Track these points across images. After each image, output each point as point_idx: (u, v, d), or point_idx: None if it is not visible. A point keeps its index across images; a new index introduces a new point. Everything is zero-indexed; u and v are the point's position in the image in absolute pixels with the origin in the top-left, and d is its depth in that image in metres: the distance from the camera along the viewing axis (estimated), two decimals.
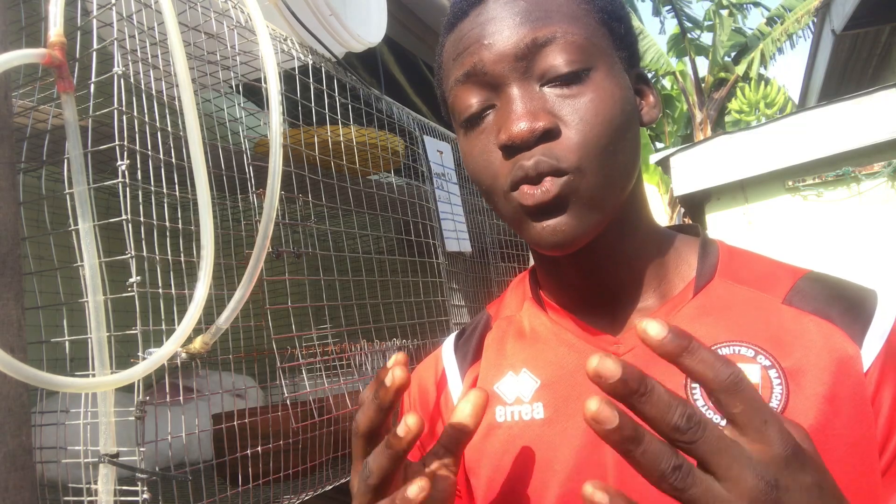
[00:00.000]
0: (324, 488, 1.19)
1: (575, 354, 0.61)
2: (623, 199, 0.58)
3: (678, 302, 0.59)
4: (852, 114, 3.18)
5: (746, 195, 4.01)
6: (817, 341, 0.54)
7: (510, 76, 0.55)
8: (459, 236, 1.78)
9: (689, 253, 0.63)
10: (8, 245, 0.83)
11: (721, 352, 0.54)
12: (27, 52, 0.73)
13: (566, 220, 0.54)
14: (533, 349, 0.64)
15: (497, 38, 0.55)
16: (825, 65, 5.63)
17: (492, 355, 0.66)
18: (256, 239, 0.88)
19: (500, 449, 0.60)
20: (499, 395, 0.63)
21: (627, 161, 0.56)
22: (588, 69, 0.55)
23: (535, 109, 0.54)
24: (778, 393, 0.52)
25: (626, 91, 0.57)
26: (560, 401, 0.59)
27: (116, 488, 0.81)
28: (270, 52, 0.93)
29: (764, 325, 0.55)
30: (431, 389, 0.69)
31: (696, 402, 0.53)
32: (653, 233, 0.63)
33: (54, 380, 0.67)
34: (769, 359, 0.53)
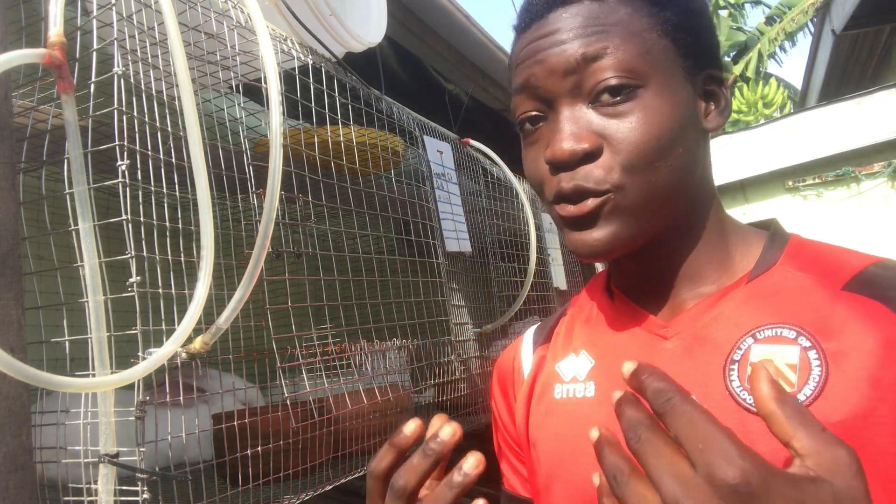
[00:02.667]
0: (324, 488, 1.19)
1: (627, 337, 0.63)
2: (669, 209, 0.59)
3: (731, 288, 0.60)
4: (852, 114, 3.19)
5: (746, 195, 4.01)
6: (866, 324, 0.53)
7: (560, 91, 0.57)
8: (459, 236, 1.78)
9: (756, 245, 0.63)
10: (8, 245, 0.83)
11: (763, 333, 0.55)
12: (27, 52, 0.73)
13: (600, 234, 0.57)
14: (594, 332, 0.67)
15: (549, 52, 0.57)
16: (825, 65, 5.63)
17: (561, 338, 0.71)
18: (256, 239, 0.89)
19: (556, 424, 0.64)
20: (558, 373, 0.67)
21: (674, 175, 0.57)
22: (637, 87, 0.56)
23: (580, 130, 0.56)
24: (816, 374, 0.52)
25: (680, 106, 0.57)
26: (609, 381, 0.62)
27: (116, 488, 0.81)
28: (270, 52, 0.93)
29: (813, 308, 0.55)
30: (508, 366, 0.76)
31: (732, 382, 0.54)
32: (717, 228, 0.63)
33: (54, 380, 0.67)
34: (810, 340, 0.53)
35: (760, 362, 0.41)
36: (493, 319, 1.99)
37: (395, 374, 1.69)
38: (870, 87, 3.20)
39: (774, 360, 0.53)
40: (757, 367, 0.40)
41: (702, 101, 0.61)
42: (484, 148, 2.10)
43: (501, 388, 0.76)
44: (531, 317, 2.33)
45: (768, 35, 10.17)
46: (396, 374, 1.70)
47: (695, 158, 0.60)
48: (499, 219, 2.13)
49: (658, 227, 0.59)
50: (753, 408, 0.51)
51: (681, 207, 0.60)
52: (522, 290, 2.01)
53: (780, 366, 0.53)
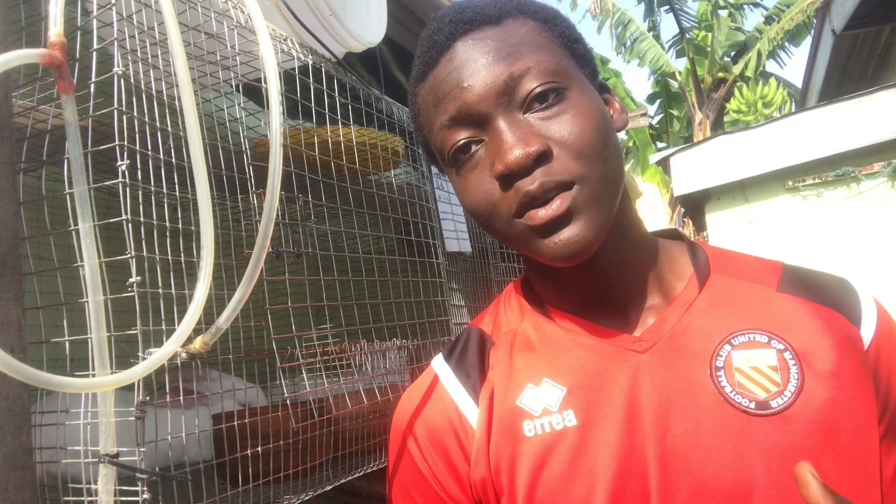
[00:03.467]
0: (324, 488, 1.19)
1: (597, 356, 0.61)
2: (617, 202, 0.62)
3: (686, 298, 0.63)
4: (852, 114, 3.18)
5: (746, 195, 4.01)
6: (820, 324, 0.59)
7: (495, 112, 0.58)
8: (459, 236, 1.78)
9: (678, 254, 0.67)
10: (8, 245, 0.83)
11: (737, 340, 0.59)
12: (27, 52, 0.73)
13: (577, 230, 0.56)
14: (550, 358, 0.63)
15: (475, 79, 0.58)
16: (825, 65, 5.63)
17: (502, 371, 0.64)
18: (256, 239, 0.88)
19: (536, 462, 0.59)
20: (524, 409, 0.61)
21: (618, 165, 0.60)
22: (563, 89, 0.58)
23: (525, 135, 0.57)
24: (794, 373, 0.57)
25: (598, 103, 0.61)
26: (590, 405, 0.59)
27: (116, 488, 0.81)
28: (270, 52, 0.93)
29: (767, 312, 0.60)
30: (443, 424, 0.65)
31: (725, 388, 0.57)
32: (644, 236, 0.67)
33: (54, 380, 0.67)
34: (782, 342, 0.58)
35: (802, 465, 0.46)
36: None
37: (395, 374, 1.69)
38: (870, 87, 3.20)
39: (758, 364, 0.58)
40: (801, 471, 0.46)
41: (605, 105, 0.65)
42: None
43: (438, 452, 0.65)
44: None
45: (767, 34, 10.16)
46: (396, 374, 1.70)
47: (620, 153, 0.62)
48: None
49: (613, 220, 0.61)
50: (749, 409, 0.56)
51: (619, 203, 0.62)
52: None
53: (763, 369, 0.57)
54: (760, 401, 0.56)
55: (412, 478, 0.67)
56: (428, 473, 0.65)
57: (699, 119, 10.97)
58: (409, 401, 0.69)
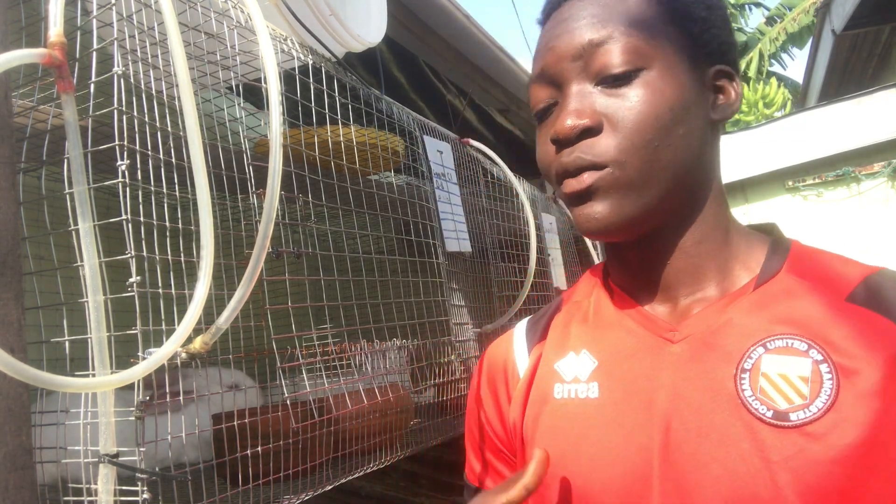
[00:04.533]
0: (324, 488, 1.19)
1: (633, 339, 0.63)
2: (670, 192, 0.59)
3: (738, 294, 0.60)
4: (852, 114, 3.18)
5: (746, 195, 4.00)
6: (874, 339, 0.53)
7: (568, 76, 0.60)
8: (459, 236, 1.78)
9: (759, 250, 0.64)
10: (8, 245, 0.83)
11: (774, 344, 0.55)
12: (27, 52, 0.73)
13: (599, 209, 0.58)
14: (595, 332, 0.67)
15: (559, 41, 0.61)
16: (825, 65, 5.63)
17: (556, 336, 0.70)
18: (256, 239, 0.89)
19: (555, 423, 0.64)
20: (558, 372, 0.66)
21: (674, 157, 0.58)
22: (640, 69, 0.58)
23: (583, 108, 0.59)
24: (828, 388, 0.52)
25: (682, 90, 0.59)
26: (614, 382, 0.62)
27: (116, 488, 0.81)
28: (270, 52, 0.93)
29: (822, 320, 0.56)
30: (500, 364, 0.74)
31: (744, 391, 0.54)
32: (720, 227, 0.63)
33: (54, 380, 0.67)
34: (822, 353, 0.54)
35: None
36: (493, 319, 1.99)
37: (395, 374, 1.69)
38: (870, 87, 3.20)
39: (787, 372, 0.54)
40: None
41: (710, 92, 0.62)
42: (484, 148, 2.10)
43: (491, 386, 0.74)
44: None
45: (769, 35, 10.17)
46: (396, 374, 1.70)
47: (697, 144, 0.60)
48: (499, 219, 2.13)
49: (660, 209, 0.60)
50: (765, 417, 0.53)
51: (684, 193, 0.61)
52: (522, 290, 2.01)
53: (792, 378, 0.53)
54: (780, 411, 0.53)
55: (470, 406, 0.77)
56: (482, 404, 0.75)
57: None
58: (492, 346, 0.78)
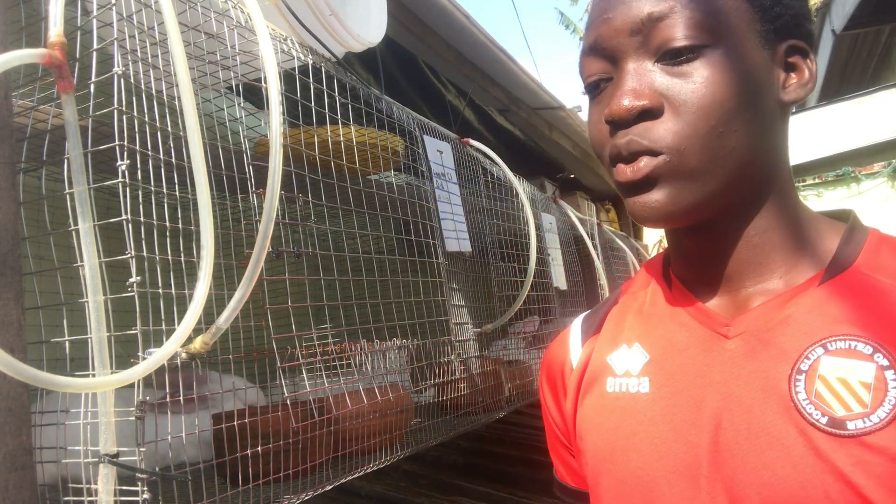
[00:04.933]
0: (324, 488, 1.19)
1: (685, 333, 0.60)
2: (736, 180, 0.55)
3: (802, 289, 0.56)
4: (852, 114, 3.18)
5: None
6: None
7: (625, 51, 0.56)
8: (459, 236, 1.78)
9: (830, 240, 0.58)
10: (8, 245, 0.83)
11: (835, 345, 0.52)
12: (27, 52, 0.73)
13: (657, 198, 0.54)
14: (649, 324, 0.64)
15: (616, 12, 0.56)
16: (825, 65, 5.63)
17: (611, 328, 0.68)
18: (256, 239, 0.89)
19: (606, 417, 0.62)
20: (610, 366, 0.64)
21: (740, 143, 0.54)
22: (704, 46, 0.53)
23: (641, 87, 0.54)
24: (892, 397, 0.48)
25: (751, 70, 0.54)
26: (665, 377, 0.59)
27: (116, 488, 0.81)
28: (270, 52, 0.93)
29: (893, 321, 0.51)
30: (558, 359, 0.73)
31: (798, 394, 0.51)
32: (790, 214, 0.59)
33: (54, 380, 0.67)
34: (888, 358, 0.49)
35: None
36: (493, 319, 1.99)
37: (395, 374, 1.69)
38: (870, 87, 3.20)
39: (847, 377, 0.50)
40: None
41: (781, 70, 0.57)
42: (484, 148, 2.10)
43: (550, 381, 0.73)
44: (531, 317, 2.33)
45: None
46: (396, 374, 1.70)
47: (766, 129, 0.56)
48: (499, 219, 2.13)
49: (724, 198, 0.56)
50: (819, 423, 0.49)
51: (750, 181, 0.57)
52: (522, 290, 2.01)
53: (852, 383, 0.50)
54: (836, 418, 0.49)
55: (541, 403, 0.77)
56: (545, 398, 0.75)
57: None
58: (553, 342, 0.77)
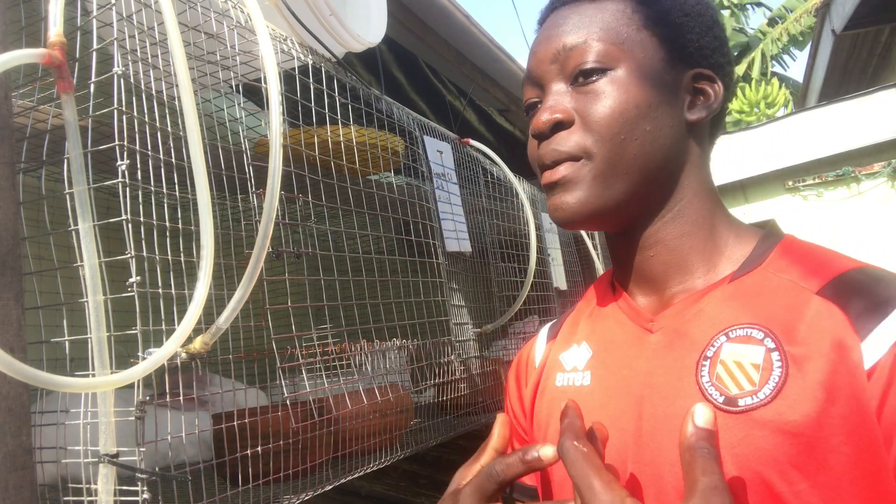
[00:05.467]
0: (324, 488, 1.19)
1: (621, 329, 0.67)
2: (637, 183, 0.63)
3: (715, 286, 0.63)
4: (852, 114, 3.18)
5: (746, 195, 4.00)
6: (825, 327, 0.55)
7: (548, 77, 0.66)
8: (459, 236, 1.78)
9: (748, 243, 0.66)
10: (8, 245, 0.83)
11: (735, 333, 0.58)
12: (27, 52, 0.73)
13: (569, 197, 0.63)
14: (595, 324, 0.72)
15: (541, 46, 0.67)
16: (825, 65, 5.63)
17: (567, 330, 0.76)
18: (256, 239, 0.89)
19: (555, 410, 0.68)
20: (561, 362, 0.72)
21: (641, 151, 0.62)
22: (607, 69, 0.63)
23: (556, 105, 0.64)
24: (776, 375, 0.54)
25: (650, 90, 0.63)
26: (604, 370, 0.66)
27: (116, 488, 0.81)
28: (270, 52, 0.93)
29: (785, 311, 0.57)
30: (524, 359, 0.81)
31: (702, 378, 0.57)
32: (707, 220, 0.66)
33: (54, 380, 0.67)
34: (775, 342, 0.56)
35: (698, 407, 0.47)
36: (493, 319, 1.99)
37: (395, 374, 1.69)
38: (870, 87, 3.19)
39: (741, 360, 0.56)
40: (692, 411, 0.47)
41: (687, 94, 0.65)
42: (484, 148, 2.10)
43: (515, 378, 0.81)
44: (531, 317, 2.33)
45: (771, 35, 10.17)
46: (396, 374, 1.70)
47: (670, 142, 0.64)
48: (499, 219, 2.13)
49: (632, 205, 0.64)
50: (717, 401, 0.56)
51: (654, 187, 0.64)
52: (522, 290, 2.01)
53: (745, 365, 0.56)
54: (730, 396, 0.55)
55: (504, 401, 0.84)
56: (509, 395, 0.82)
57: None
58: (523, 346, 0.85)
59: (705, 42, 0.66)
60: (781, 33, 10.04)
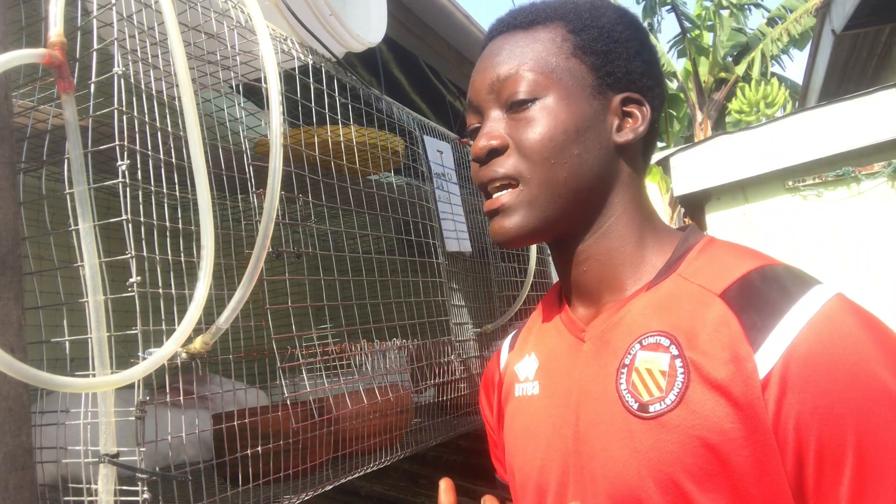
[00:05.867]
0: (324, 488, 1.19)
1: (561, 340, 0.71)
2: (576, 204, 0.66)
3: (634, 295, 0.66)
4: (852, 114, 3.18)
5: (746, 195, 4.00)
6: (724, 335, 0.56)
7: (486, 105, 0.69)
8: (459, 236, 1.78)
9: (668, 252, 0.68)
10: (8, 245, 0.83)
11: (647, 340, 0.61)
12: (27, 52, 0.73)
13: (505, 222, 0.66)
14: (541, 335, 0.75)
15: (479, 75, 0.70)
16: (825, 65, 5.63)
17: (521, 341, 0.79)
18: (256, 239, 0.89)
19: (513, 418, 0.73)
20: (516, 373, 0.75)
21: (570, 174, 0.65)
22: (537, 98, 0.66)
23: (492, 131, 0.67)
24: (679, 381, 0.57)
25: (578, 115, 0.65)
26: (549, 379, 0.70)
27: (116, 488, 0.81)
28: (270, 52, 0.93)
29: (690, 317, 0.59)
30: (491, 370, 0.85)
31: (621, 385, 0.60)
32: (634, 235, 0.68)
33: (54, 380, 0.67)
34: (679, 348, 0.58)
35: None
36: (493, 319, 1.99)
37: (395, 374, 1.69)
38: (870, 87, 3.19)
39: (651, 367, 0.59)
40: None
41: (615, 117, 0.67)
42: None
43: (486, 391, 0.85)
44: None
45: (771, 36, 10.17)
46: (396, 374, 1.70)
47: (598, 164, 0.66)
48: None
49: (564, 222, 0.67)
50: (632, 408, 0.59)
51: (585, 206, 0.67)
52: (522, 290, 2.01)
53: (654, 372, 0.58)
54: (643, 402, 0.58)
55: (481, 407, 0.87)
56: (482, 404, 0.86)
57: (700, 119, 10.97)
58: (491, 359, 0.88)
59: (633, 67, 0.68)
60: (781, 33, 10.04)
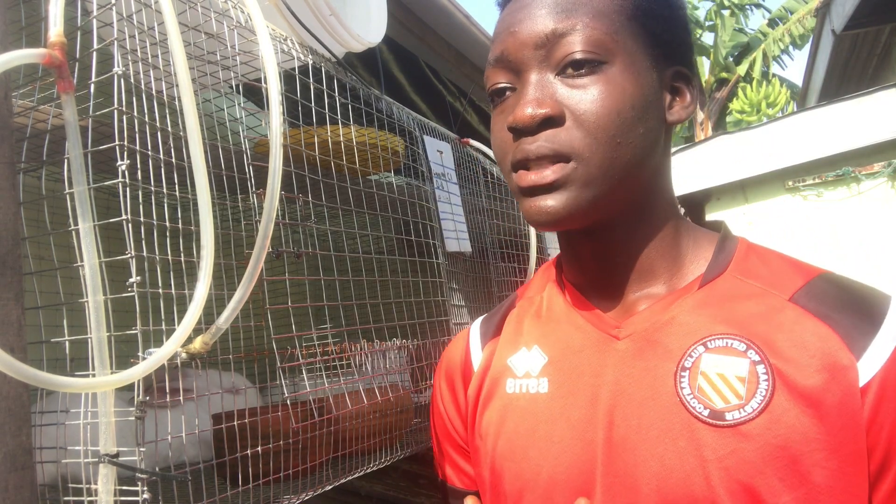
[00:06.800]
0: (324, 488, 1.19)
1: (581, 335, 0.64)
2: (626, 188, 0.59)
3: (683, 293, 0.61)
4: (852, 114, 3.18)
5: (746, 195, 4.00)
6: (813, 343, 0.54)
7: (529, 63, 0.58)
8: (459, 236, 1.78)
9: (707, 248, 0.64)
10: (8, 245, 0.83)
11: (713, 343, 0.56)
12: (27, 52, 0.73)
13: (553, 203, 0.57)
14: (546, 328, 0.67)
15: (522, 26, 0.59)
16: (825, 65, 5.62)
17: (510, 331, 0.71)
18: (256, 239, 0.89)
19: (506, 417, 0.65)
20: (511, 367, 0.67)
21: (634, 154, 0.58)
22: (602, 62, 0.57)
23: (543, 97, 0.57)
24: (763, 388, 0.53)
25: (643, 88, 0.58)
26: (563, 378, 0.63)
27: (116, 488, 0.81)
28: (270, 52, 0.93)
29: (763, 320, 0.56)
30: (456, 361, 0.75)
31: (683, 389, 0.55)
32: (671, 225, 0.64)
33: (54, 380, 0.67)
34: (760, 354, 0.54)
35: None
36: None
37: (395, 374, 1.69)
38: (870, 87, 3.19)
39: (725, 372, 0.55)
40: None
41: (667, 93, 0.62)
42: (484, 148, 2.10)
43: (449, 383, 0.75)
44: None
45: (772, 36, 10.18)
46: (396, 374, 1.70)
47: (654, 144, 0.60)
48: (499, 219, 2.13)
49: (614, 204, 0.59)
50: (702, 415, 0.54)
51: (637, 190, 0.61)
52: None
53: (729, 378, 0.54)
54: (716, 410, 0.54)
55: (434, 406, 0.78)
56: (441, 403, 0.76)
57: (701, 119, 10.98)
58: (450, 344, 0.79)
59: (685, 38, 0.63)
60: (783, 34, 10.04)
